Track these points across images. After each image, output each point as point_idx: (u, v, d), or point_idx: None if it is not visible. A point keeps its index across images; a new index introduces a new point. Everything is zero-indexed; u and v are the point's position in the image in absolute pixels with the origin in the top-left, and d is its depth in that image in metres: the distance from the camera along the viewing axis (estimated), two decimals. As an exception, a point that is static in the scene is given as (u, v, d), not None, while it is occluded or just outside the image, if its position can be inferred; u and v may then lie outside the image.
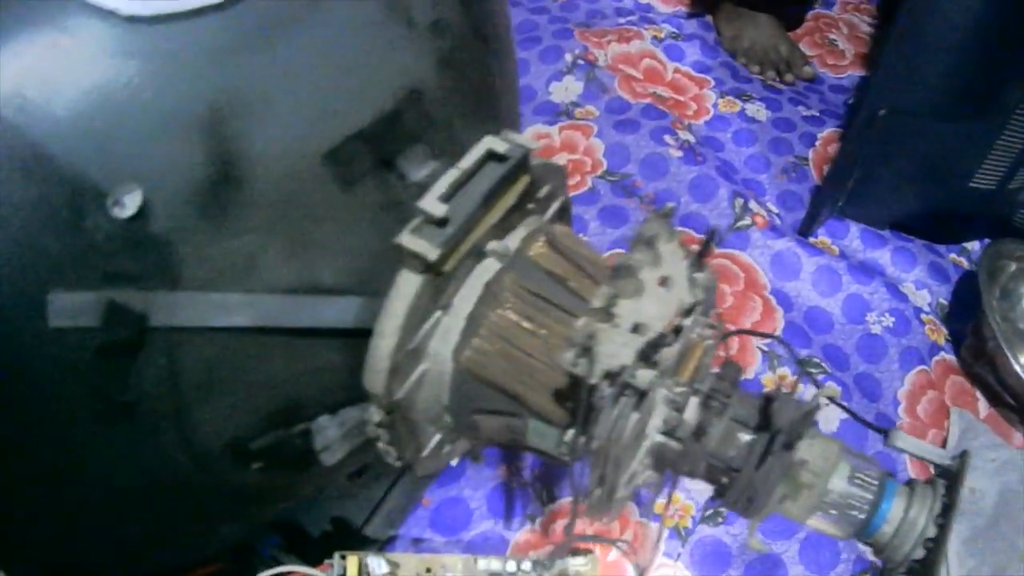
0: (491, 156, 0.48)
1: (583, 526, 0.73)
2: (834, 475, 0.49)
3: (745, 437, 0.49)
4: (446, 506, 0.76)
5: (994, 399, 0.94)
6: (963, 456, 0.53)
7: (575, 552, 0.70)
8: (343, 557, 0.61)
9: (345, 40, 0.47)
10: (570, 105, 1.06)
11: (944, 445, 0.88)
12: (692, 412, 0.48)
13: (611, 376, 0.43)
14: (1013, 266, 1.00)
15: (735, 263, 0.94)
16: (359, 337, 0.46)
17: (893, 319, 0.94)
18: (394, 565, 0.63)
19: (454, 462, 0.61)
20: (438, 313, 0.48)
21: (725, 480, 0.49)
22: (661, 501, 0.77)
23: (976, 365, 0.95)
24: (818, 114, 1.13)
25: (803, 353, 0.89)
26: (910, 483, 0.51)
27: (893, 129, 0.93)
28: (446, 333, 0.48)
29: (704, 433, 0.48)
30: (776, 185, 1.03)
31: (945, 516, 0.49)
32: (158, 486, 0.50)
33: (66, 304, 0.41)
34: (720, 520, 0.77)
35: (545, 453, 0.51)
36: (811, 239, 0.99)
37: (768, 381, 0.86)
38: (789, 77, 1.19)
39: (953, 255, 1.05)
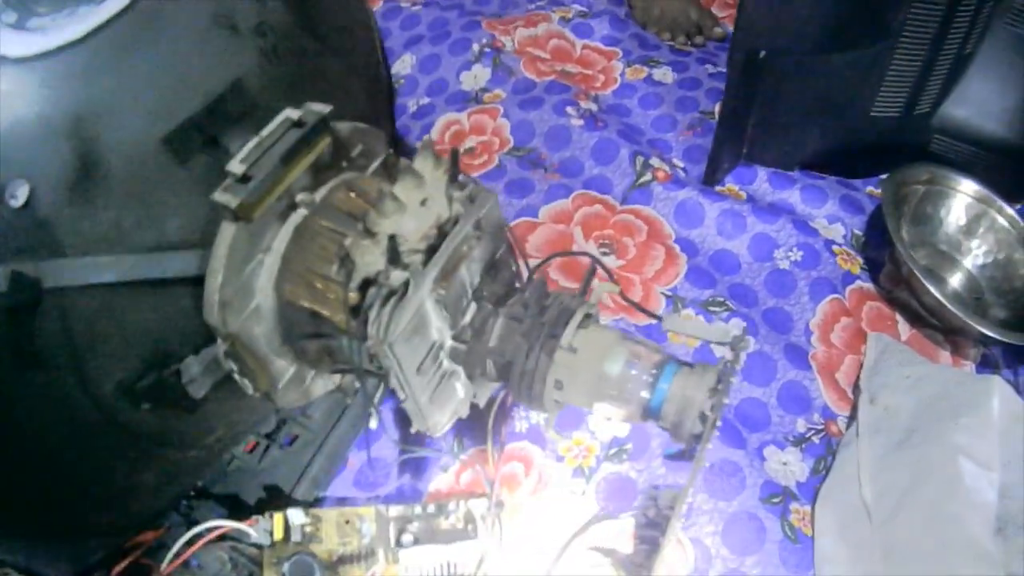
0: (292, 124, 0.56)
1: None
2: (608, 360, 0.52)
3: (519, 333, 0.53)
4: (367, 466, 0.81)
5: (916, 320, 0.95)
6: (742, 333, 0.56)
7: (480, 495, 0.74)
8: (271, 516, 0.69)
9: (177, 50, 0.60)
10: (479, 91, 1.11)
11: (861, 368, 0.90)
12: (469, 314, 0.56)
13: (369, 281, 0.51)
14: (921, 189, 1.01)
15: (638, 217, 0.97)
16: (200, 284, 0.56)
17: (801, 253, 0.96)
18: (315, 518, 0.70)
19: (374, 424, 0.73)
20: (260, 256, 0.56)
21: (508, 375, 0.53)
22: (566, 443, 0.81)
23: (895, 290, 0.96)
24: (725, 70, 1.15)
25: (707, 293, 0.91)
26: (689, 365, 0.53)
27: (778, 69, 0.94)
28: (268, 272, 0.57)
29: (483, 332, 0.53)
30: (682, 141, 1.06)
31: (719, 392, 0.52)
32: (73, 431, 0.60)
33: None
34: (624, 456, 0.80)
35: (362, 369, 0.57)
36: (718, 188, 1.01)
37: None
38: (700, 39, 1.22)
39: (870, 188, 1.06)
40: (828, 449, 0.84)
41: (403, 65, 1.17)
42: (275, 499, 0.78)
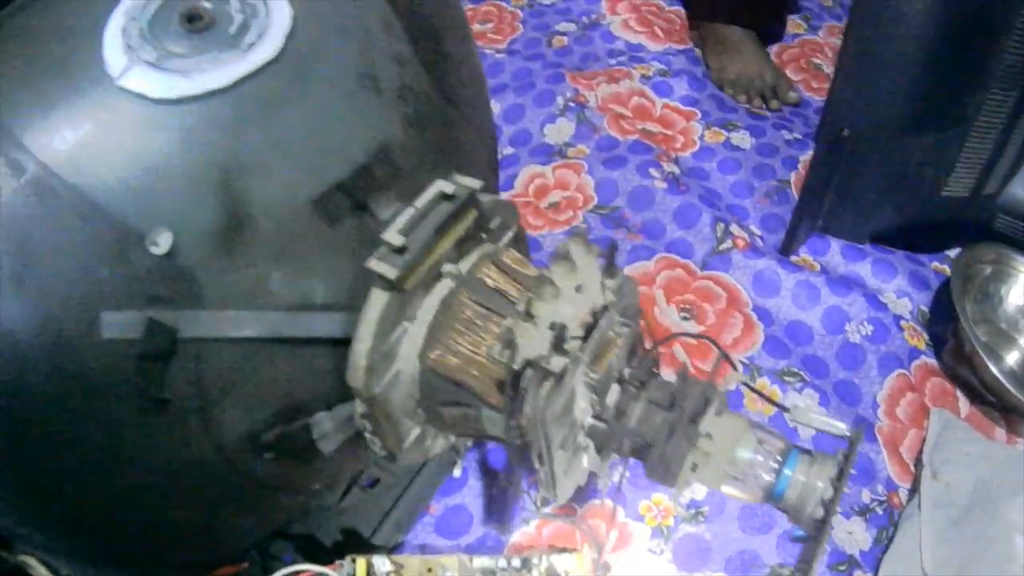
0: (443, 196, 0.60)
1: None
2: (739, 446, 0.57)
3: (659, 416, 0.58)
4: (450, 513, 0.85)
5: (975, 398, 1.00)
6: (859, 427, 0.61)
7: (561, 549, 0.79)
8: (353, 560, 0.70)
9: (325, 109, 0.59)
10: (563, 145, 1.15)
11: (923, 443, 0.94)
12: (613, 396, 0.59)
13: (530, 364, 0.54)
14: (988, 269, 1.05)
15: (717, 284, 1.01)
16: (346, 345, 0.58)
17: (872, 327, 1.00)
18: (398, 565, 0.72)
19: (457, 472, 0.77)
20: (405, 324, 0.59)
21: (646, 455, 0.58)
22: (645, 502, 0.85)
23: (958, 367, 1.01)
24: (801, 137, 1.20)
25: (782, 363, 0.95)
26: (812, 453, 0.58)
27: (859, 146, 0.99)
28: (412, 340, 0.60)
29: (624, 414, 0.58)
30: (759, 208, 1.10)
31: (840, 480, 0.57)
32: (189, 473, 0.60)
33: (115, 320, 0.53)
34: (701, 519, 0.84)
35: (499, 439, 0.61)
36: (792, 257, 1.06)
37: (748, 391, 0.93)
38: (775, 104, 1.26)
39: (935, 263, 1.11)
40: (890, 520, 0.89)
41: (489, 114, 1.21)
42: (354, 542, 0.80)
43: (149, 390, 0.55)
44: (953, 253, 1.12)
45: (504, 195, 1.12)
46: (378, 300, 0.56)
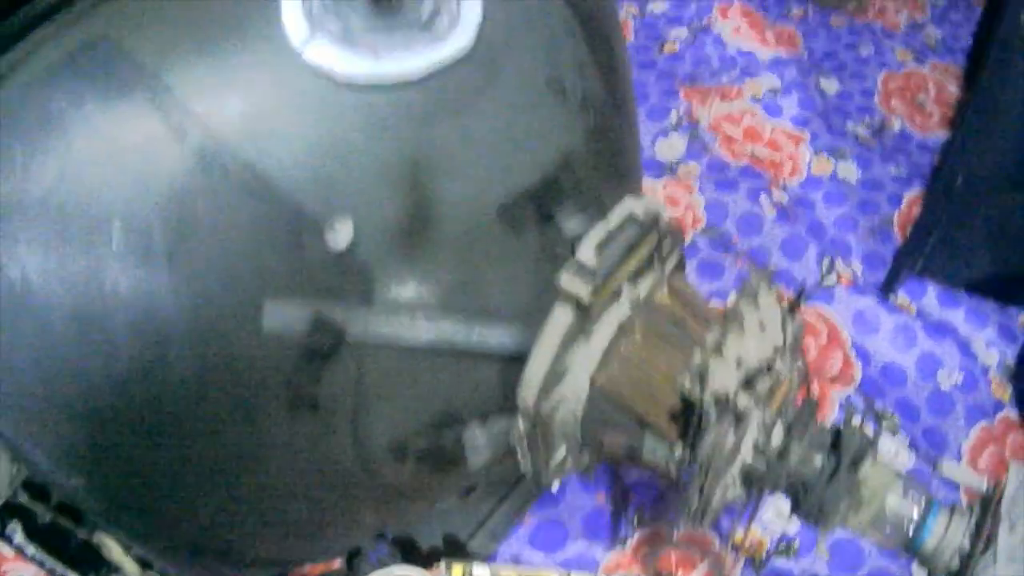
0: (631, 217, 0.59)
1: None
2: (889, 494, 0.60)
3: (819, 459, 0.61)
4: (545, 527, 0.87)
5: (1051, 454, 1.03)
6: (997, 484, 0.64)
7: (659, 573, 0.82)
8: (451, 565, 0.71)
9: (516, 112, 0.56)
10: (674, 163, 1.18)
11: (1002, 494, 0.98)
12: (778, 436, 0.61)
13: (718, 400, 0.55)
14: (1078, 328, 1.08)
15: (820, 318, 1.04)
16: (516, 360, 0.56)
17: (962, 376, 1.03)
18: (495, 574, 0.72)
19: (555, 487, 0.71)
20: (580, 342, 0.58)
21: (801, 495, 0.61)
22: (739, 534, 0.89)
23: (1038, 422, 1.04)
24: (905, 174, 1.22)
25: (877, 404, 0.99)
26: (952, 506, 0.62)
27: (970, 196, 1.01)
28: (585, 360, 0.59)
29: (786, 454, 0.61)
30: (862, 245, 1.13)
31: (978, 534, 0.60)
32: (323, 474, 0.57)
33: (279, 312, 0.49)
34: (792, 554, 0.88)
35: (654, 467, 0.62)
36: (890, 296, 1.09)
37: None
38: None
39: (1023, 316, 1.13)
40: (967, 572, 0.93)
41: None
42: (450, 547, 0.80)
43: (303, 389, 0.52)
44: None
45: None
46: (562, 318, 0.55)
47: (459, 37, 0.52)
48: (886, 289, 1.08)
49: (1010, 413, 1.04)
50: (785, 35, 1.36)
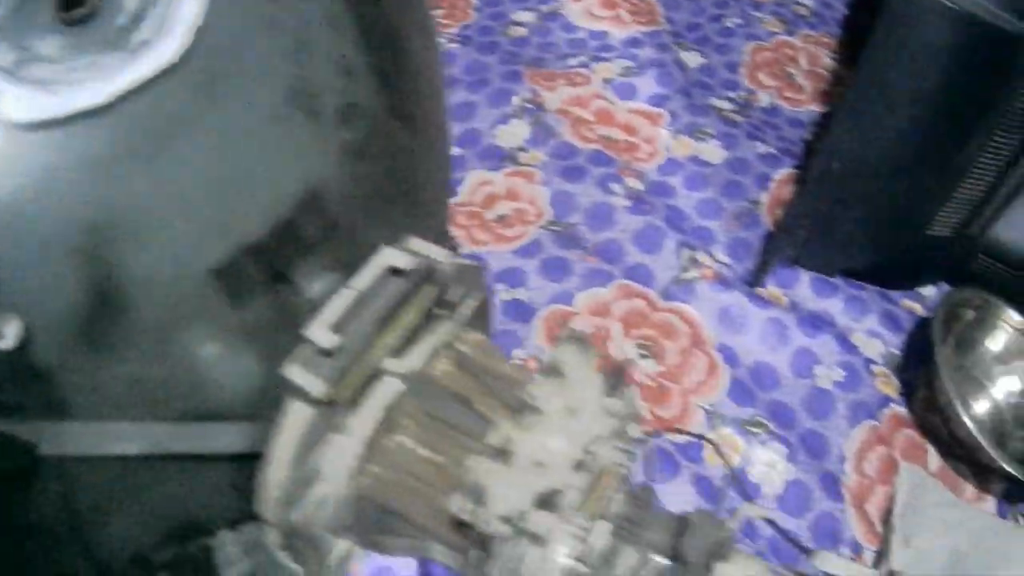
0: (392, 271, 0.46)
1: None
2: None
3: (659, 563, 0.47)
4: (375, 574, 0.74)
5: (946, 452, 0.93)
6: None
7: None
8: None
9: (239, 141, 0.44)
10: (516, 150, 1.04)
11: (893, 503, 0.87)
12: (601, 539, 0.46)
13: (505, 520, 0.42)
14: (971, 314, 0.98)
15: (680, 317, 0.92)
16: (253, 459, 0.45)
17: (843, 373, 0.92)
18: None
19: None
20: (334, 436, 0.46)
21: None
22: None
23: (928, 417, 0.94)
24: (775, 151, 1.11)
25: (747, 412, 0.87)
26: None
27: (848, 180, 0.91)
28: (342, 456, 0.46)
29: (614, 560, 0.47)
30: (727, 232, 1.01)
31: None
32: None
33: None
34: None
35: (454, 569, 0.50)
36: (760, 290, 0.97)
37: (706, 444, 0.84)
38: None
39: (907, 301, 1.03)
40: (855, 589, 0.81)
41: (436, 108, 1.09)
42: None
43: (9, 514, 0.44)
44: (924, 290, 1.05)
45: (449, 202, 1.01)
46: (297, 416, 0.43)
47: (163, 47, 0.40)
48: (754, 281, 0.97)
49: (898, 409, 0.93)
50: (644, 8, 1.24)
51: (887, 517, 0.87)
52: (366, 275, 0.45)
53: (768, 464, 0.85)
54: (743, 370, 0.90)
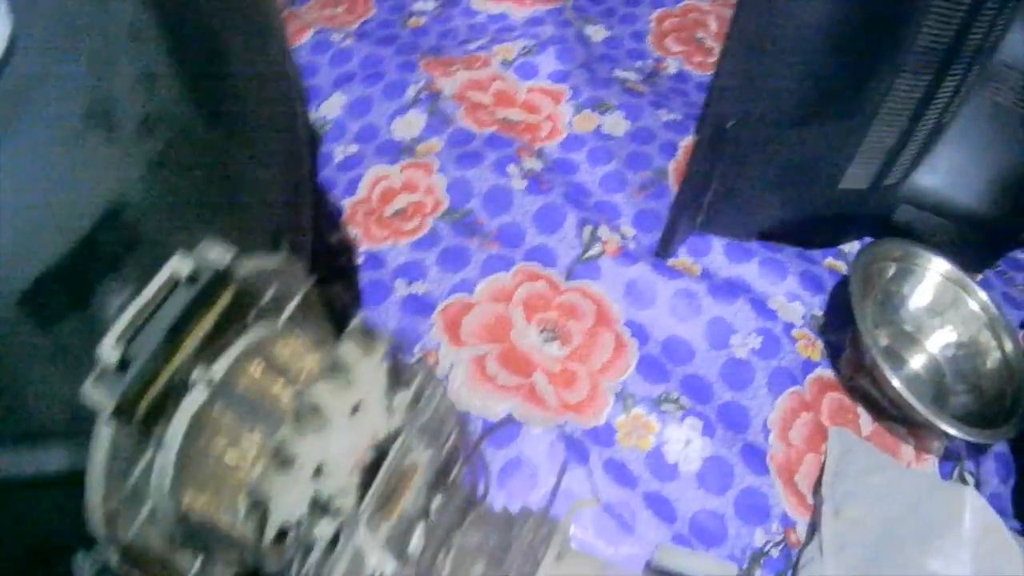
0: (187, 278, 0.44)
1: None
2: None
3: (479, 565, 0.44)
4: None
5: (877, 413, 0.89)
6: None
7: None
8: None
9: (36, 164, 0.44)
10: (412, 141, 1.01)
11: (823, 470, 0.83)
12: (417, 539, 0.45)
13: (284, 531, 0.41)
14: (893, 267, 0.94)
15: (585, 296, 0.88)
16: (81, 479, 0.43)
17: (760, 339, 0.88)
18: None
19: None
20: (150, 452, 0.44)
21: None
22: None
23: (856, 378, 0.89)
24: (681, 118, 1.07)
25: (659, 389, 0.83)
26: None
27: (746, 137, 0.87)
28: (162, 471, 0.44)
29: (432, 566, 0.44)
30: (632, 204, 0.97)
31: None
32: None
33: None
34: None
35: None
36: (670, 261, 0.93)
37: (621, 424, 0.80)
38: None
39: (829, 259, 0.99)
40: (788, 563, 0.77)
41: (331, 107, 1.05)
42: None
43: None
44: (847, 248, 1.01)
45: (347, 201, 0.97)
46: (103, 435, 0.42)
47: None
48: (662, 252, 0.93)
49: (824, 372, 0.89)
50: (544, -12, 1.20)
51: (817, 488, 0.83)
52: (153, 286, 0.43)
53: (684, 442, 0.81)
54: (654, 345, 0.86)
